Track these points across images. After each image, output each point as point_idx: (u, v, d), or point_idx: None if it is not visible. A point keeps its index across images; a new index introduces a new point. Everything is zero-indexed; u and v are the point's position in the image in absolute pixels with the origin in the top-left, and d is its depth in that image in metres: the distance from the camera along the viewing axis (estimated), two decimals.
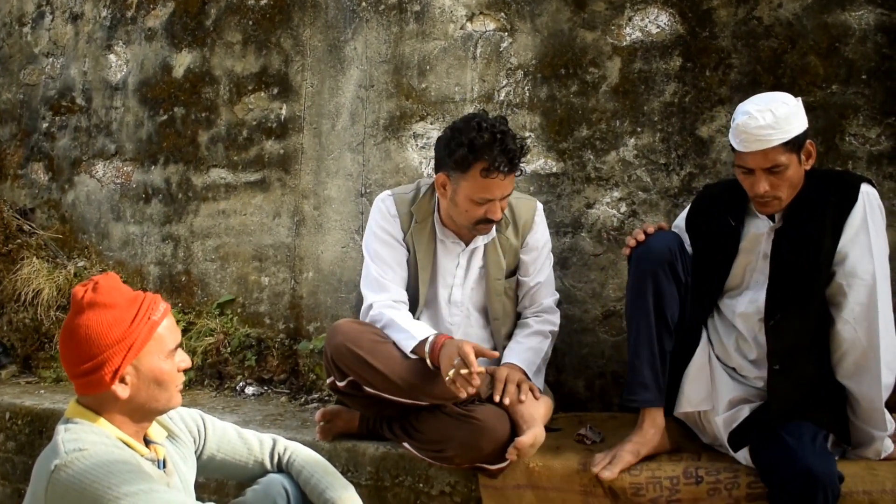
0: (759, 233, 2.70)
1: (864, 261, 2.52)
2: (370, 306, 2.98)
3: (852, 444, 2.61)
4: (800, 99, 2.60)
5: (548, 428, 2.95)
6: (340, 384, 2.87)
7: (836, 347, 2.56)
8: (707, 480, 2.57)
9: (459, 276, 3.08)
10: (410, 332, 2.81)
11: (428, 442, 2.83)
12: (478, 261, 3.08)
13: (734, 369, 2.74)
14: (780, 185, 2.54)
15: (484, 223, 2.91)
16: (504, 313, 3.11)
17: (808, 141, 2.56)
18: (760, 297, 2.65)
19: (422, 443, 2.85)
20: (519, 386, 2.83)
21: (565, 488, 2.71)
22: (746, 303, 2.70)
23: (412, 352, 2.77)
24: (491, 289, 3.08)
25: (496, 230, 3.05)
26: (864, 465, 2.57)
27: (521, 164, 2.88)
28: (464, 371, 2.56)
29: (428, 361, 2.72)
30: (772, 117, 2.48)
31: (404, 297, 3.04)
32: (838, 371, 2.57)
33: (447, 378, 2.59)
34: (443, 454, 2.80)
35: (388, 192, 3.15)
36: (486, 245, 3.06)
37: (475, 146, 2.78)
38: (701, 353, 2.75)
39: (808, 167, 2.60)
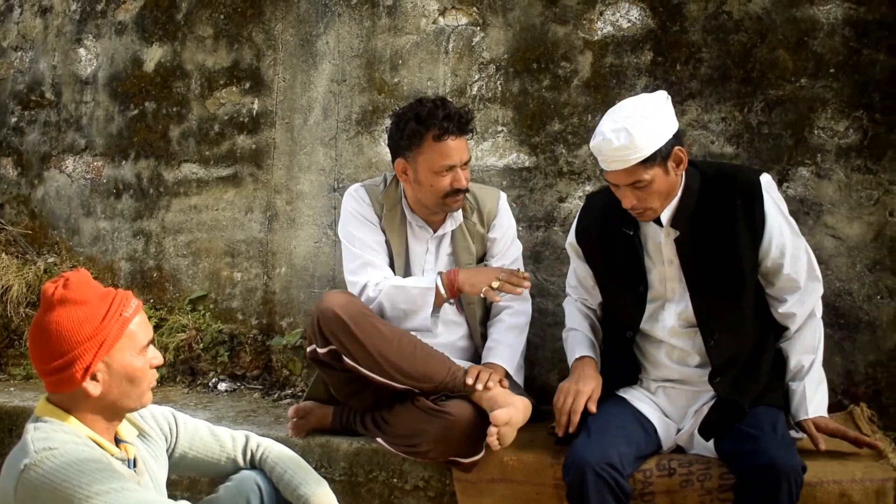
0: (657, 241, 2.68)
1: (786, 237, 2.59)
2: (365, 286, 2.98)
3: (792, 411, 2.62)
4: (667, 99, 2.56)
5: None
6: (321, 351, 2.83)
7: (789, 324, 2.65)
8: (680, 472, 2.58)
9: (430, 261, 3.10)
10: (419, 282, 2.97)
11: (401, 436, 2.83)
12: (446, 248, 3.11)
13: (680, 381, 2.74)
14: (648, 197, 2.52)
15: (452, 195, 2.94)
16: (478, 299, 3.11)
17: (676, 148, 2.51)
18: (686, 309, 2.66)
19: (394, 437, 2.85)
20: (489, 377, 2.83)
21: (539, 482, 2.72)
22: (674, 317, 2.69)
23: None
24: None
25: (463, 216, 3.08)
26: (835, 455, 2.60)
27: (471, 128, 2.96)
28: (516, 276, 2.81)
29: (443, 291, 2.90)
30: (626, 137, 2.43)
31: (392, 275, 3.05)
32: (796, 344, 2.65)
33: (494, 286, 2.79)
34: (416, 448, 2.80)
35: (357, 184, 3.19)
36: (454, 231, 3.09)
37: (421, 117, 2.88)
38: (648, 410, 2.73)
39: (680, 172, 2.57)
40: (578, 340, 2.85)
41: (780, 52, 3.26)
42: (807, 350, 2.63)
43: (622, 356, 2.79)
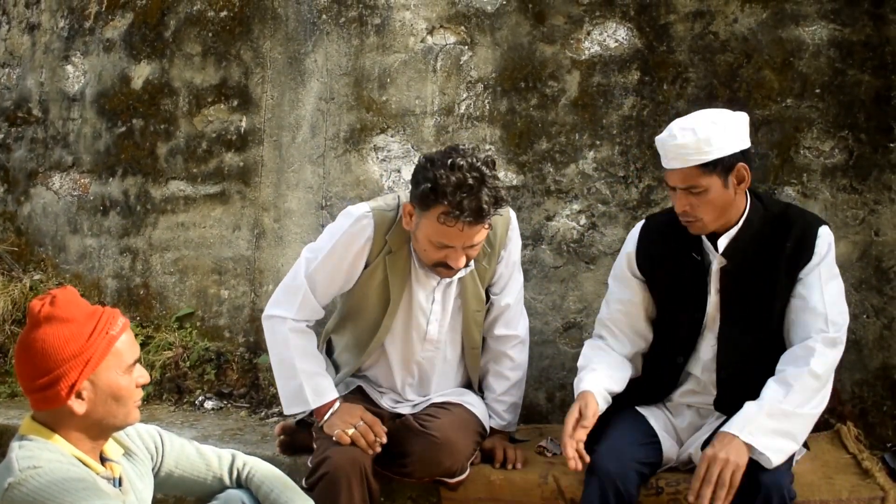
0: (713, 269, 2.62)
1: (821, 290, 2.47)
2: (283, 320, 2.84)
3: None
4: (744, 117, 2.51)
5: (514, 439, 2.99)
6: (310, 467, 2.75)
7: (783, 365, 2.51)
8: (668, 491, 2.59)
9: (436, 311, 2.85)
10: (307, 392, 2.79)
11: (388, 456, 2.80)
12: (453, 292, 2.86)
13: (688, 405, 2.74)
14: (701, 206, 2.47)
15: (443, 267, 2.65)
16: (480, 342, 3.02)
17: (740, 164, 2.44)
18: (716, 340, 2.63)
19: (381, 456, 2.82)
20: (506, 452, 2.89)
21: (526, 501, 2.72)
22: (709, 348, 2.65)
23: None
24: (470, 320, 2.91)
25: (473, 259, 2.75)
26: (822, 474, 2.61)
27: (493, 215, 2.53)
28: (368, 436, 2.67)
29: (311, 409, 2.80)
30: (691, 137, 2.40)
31: (320, 315, 2.90)
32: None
33: (342, 433, 2.65)
34: (403, 469, 2.77)
35: (368, 207, 2.77)
36: (462, 277, 2.82)
37: (438, 187, 2.46)
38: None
39: (740, 191, 2.49)
40: (588, 376, 2.65)
41: (766, 73, 3.28)
42: (780, 385, 2.43)
43: (664, 378, 2.73)
